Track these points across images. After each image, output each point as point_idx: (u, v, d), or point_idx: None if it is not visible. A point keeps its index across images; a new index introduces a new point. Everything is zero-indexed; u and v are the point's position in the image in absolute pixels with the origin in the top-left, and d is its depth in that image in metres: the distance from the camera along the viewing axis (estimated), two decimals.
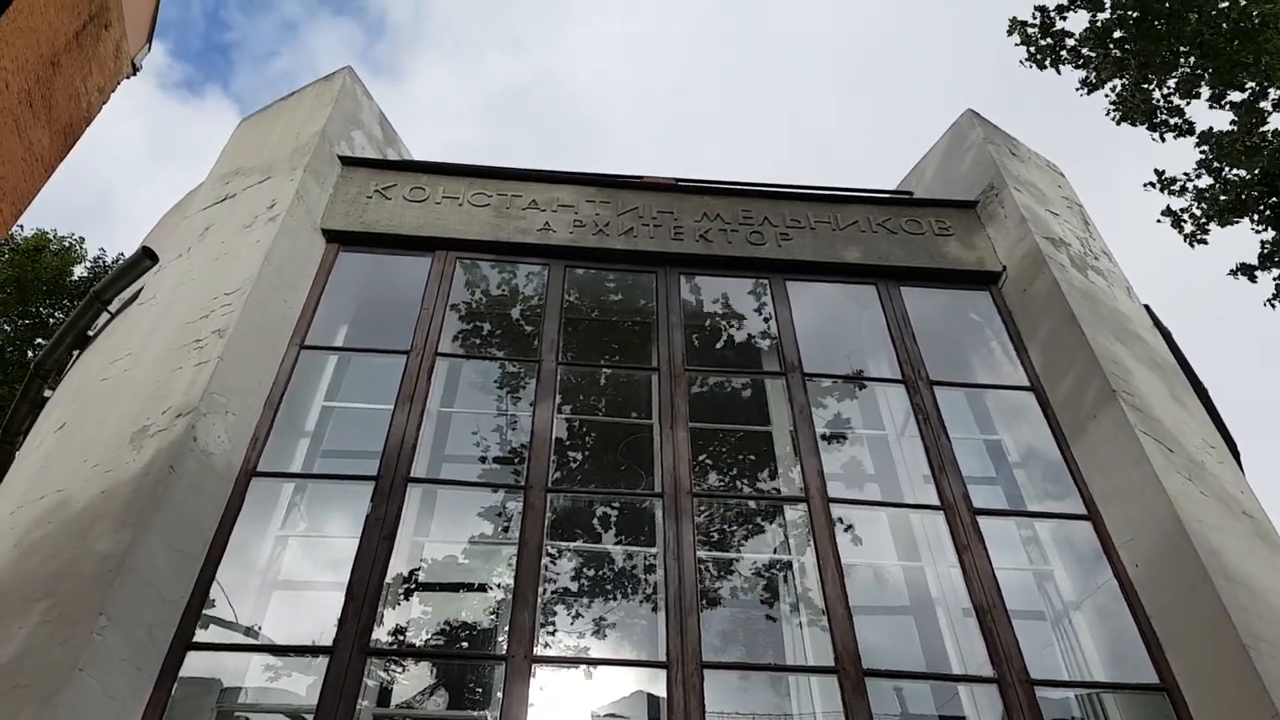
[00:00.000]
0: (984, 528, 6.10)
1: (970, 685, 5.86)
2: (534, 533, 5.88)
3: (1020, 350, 7.28)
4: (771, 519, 7.12)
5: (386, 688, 6.10)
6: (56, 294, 16.12)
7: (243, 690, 5.63)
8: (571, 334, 7.66)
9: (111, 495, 5.15)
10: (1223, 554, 5.35)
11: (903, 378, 7.12)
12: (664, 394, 6.88)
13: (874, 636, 5.71)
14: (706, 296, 8.20)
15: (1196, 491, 5.76)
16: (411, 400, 6.51)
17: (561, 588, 6.62)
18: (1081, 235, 8.14)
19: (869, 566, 6.75)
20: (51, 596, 4.68)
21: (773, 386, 7.66)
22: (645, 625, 6.36)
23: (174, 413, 5.55)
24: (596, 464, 7.49)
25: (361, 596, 5.39)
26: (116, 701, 4.50)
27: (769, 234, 8.08)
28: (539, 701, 5.28)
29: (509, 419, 7.46)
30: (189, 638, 5.03)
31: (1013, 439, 7.20)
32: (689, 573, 5.68)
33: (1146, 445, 5.89)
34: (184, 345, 6.08)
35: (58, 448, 5.97)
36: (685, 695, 5.11)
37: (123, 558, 4.75)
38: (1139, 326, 7.31)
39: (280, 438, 6.30)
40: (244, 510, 5.72)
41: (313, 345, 6.86)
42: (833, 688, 5.32)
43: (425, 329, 7.01)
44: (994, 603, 5.63)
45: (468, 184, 8.22)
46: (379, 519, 5.79)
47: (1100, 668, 5.93)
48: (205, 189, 7.94)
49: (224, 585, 5.44)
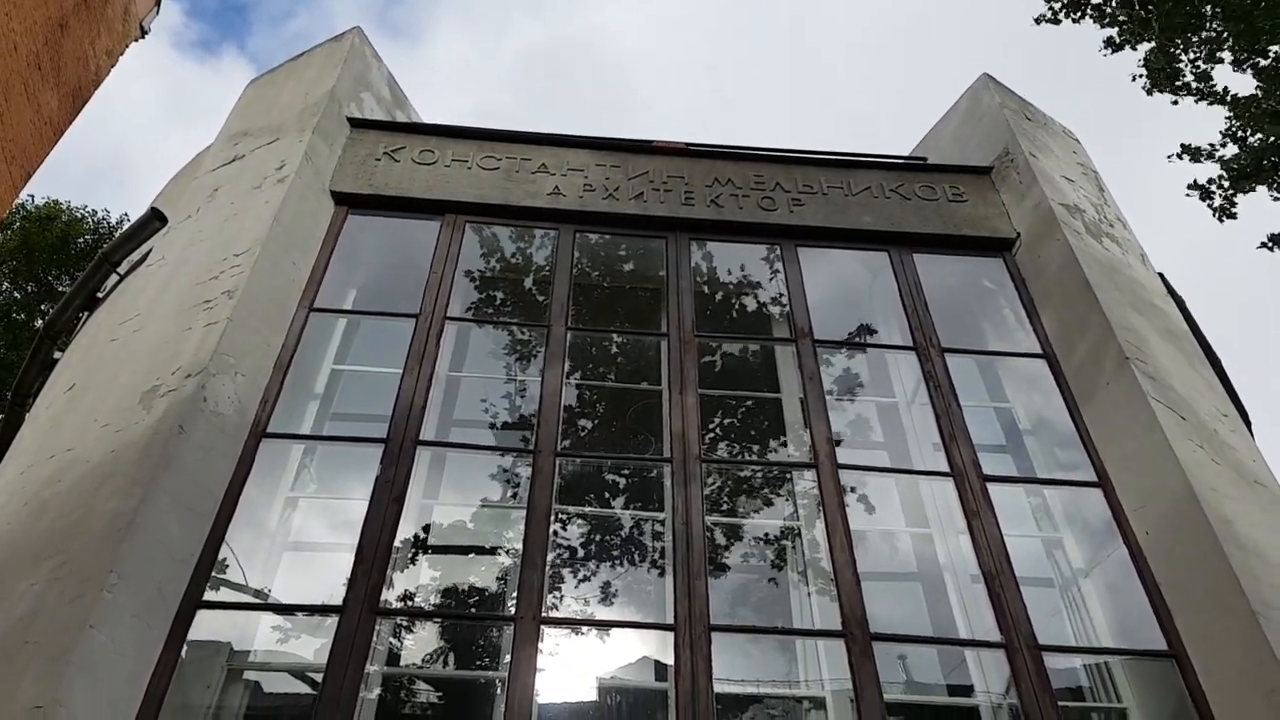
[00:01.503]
0: (994, 495, 6.08)
1: (977, 653, 5.86)
2: (542, 497, 5.88)
3: (1033, 317, 7.23)
4: (780, 486, 7.12)
5: (396, 650, 6.14)
6: (63, 261, 16.14)
7: (252, 653, 5.67)
8: (582, 300, 7.63)
9: (121, 455, 5.16)
10: (1234, 522, 5.32)
11: (914, 345, 7.08)
12: (673, 360, 6.85)
13: (882, 602, 5.72)
14: (717, 263, 8.15)
15: (1209, 460, 5.72)
16: (420, 364, 6.50)
17: (570, 553, 6.64)
18: (1096, 202, 8.06)
19: (877, 533, 6.75)
20: (62, 554, 4.70)
21: (783, 353, 7.63)
22: (653, 591, 6.38)
23: (183, 373, 5.54)
24: (606, 430, 7.50)
25: (371, 558, 5.40)
26: (127, 658, 4.53)
27: (781, 199, 8.02)
28: (547, 665, 5.30)
29: (518, 385, 7.45)
30: (199, 596, 5.05)
31: (1024, 407, 7.16)
32: (697, 537, 5.69)
33: (1159, 413, 5.85)
34: (193, 306, 6.07)
35: (67, 408, 5.97)
36: (692, 657, 5.13)
37: (132, 516, 4.76)
38: (1153, 294, 7.24)
39: (290, 400, 6.31)
40: (254, 471, 5.73)
41: (322, 308, 6.84)
42: (840, 653, 5.32)
43: (434, 293, 6.98)
44: (1002, 569, 5.62)
45: (477, 147, 8.16)
46: (388, 481, 5.79)
47: (1109, 635, 5.92)
48: (214, 150, 7.90)
49: (234, 547, 5.46)
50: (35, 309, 15.79)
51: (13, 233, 15.91)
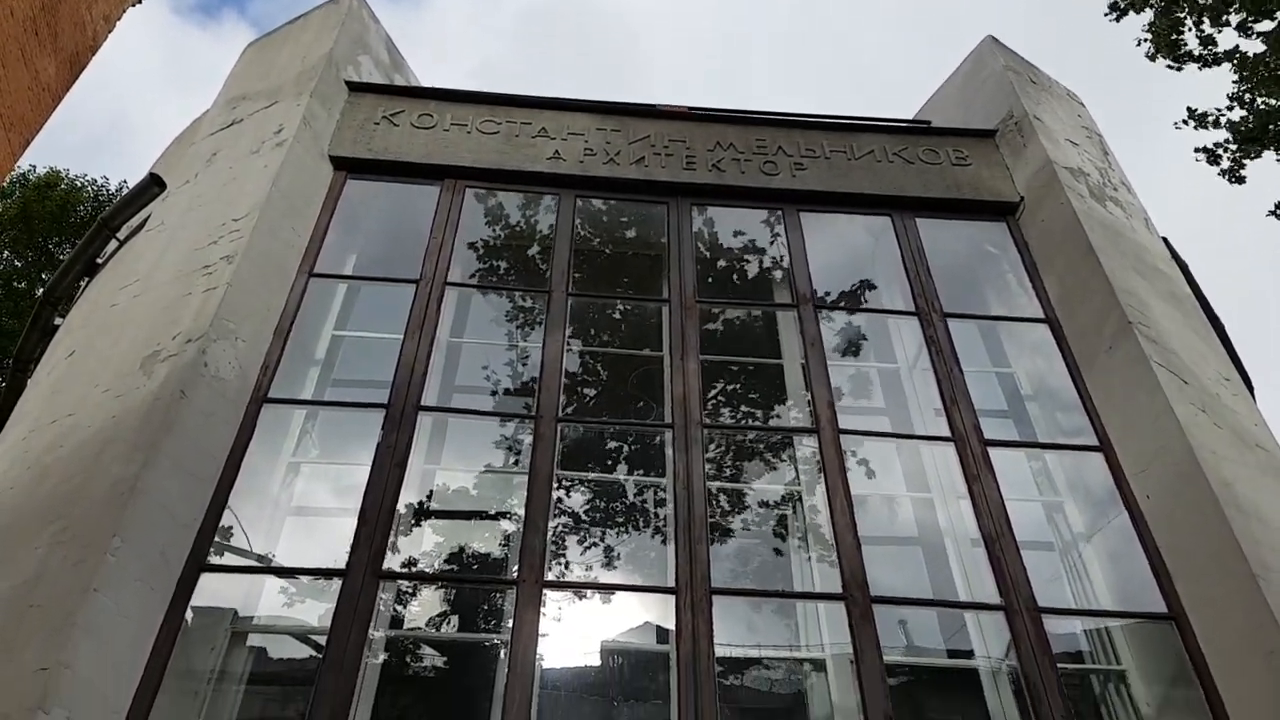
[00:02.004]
0: (995, 460, 6.09)
1: (977, 616, 5.88)
2: (544, 462, 5.89)
3: (1036, 282, 7.20)
4: (781, 451, 7.12)
5: (399, 614, 6.17)
6: (63, 229, 16.09)
7: (256, 618, 5.69)
8: (583, 267, 7.59)
9: (123, 420, 5.16)
10: (1235, 485, 5.32)
11: (916, 310, 7.06)
12: (675, 325, 6.83)
13: (882, 567, 5.75)
14: (719, 228, 8.11)
15: (1210, 423, 5.72)
16: (421, 330, 6.48)
17: (572, 518, 6.65)
18: (1101, 165, 8.00)
19: (878, 497, 6.76)
20: (64, 519, 4.72)
21: (784, 318, 7.60)
22: (655, 556, 6.39)
23: (184, 338, 5.53)
24: (608, 397, 7.49)
25: (374, 522, 5.42)
26: (131, 621, 4.56)
27: (783, 164, 7.96)
28: (550, 629, 5.33)
29: (519, 351, 7.44)
30: (202, 560, 5.08)
31: (1026, 372, 7.15)
32: (699, 501, 5.70)
33: (1161, 377, 5.84)
34: (193, 271, 6.05)
35: (69, 373, 5.97)
36: (694, 620, 5.15)
37: (134, 481, 4.77)
38: (1157, 259, 7.21)
39: (291, 365, 6.30)
40: (255, 436, 5.74)
41: (322, 273, 6.82)
42: (840, 616, 5.34)
43: (434, 258, 6.96)
44: (1002, 532, 5.64)
45: (476, 111, 8.10)
46: (390, 446, 5.80)
47: (1109, 599, 5.95)
48: (212, 114, 7.84)
49: (237, 512, 5.48)
50: (36, 277, 15.77)
51: (12, 201, 15.86)
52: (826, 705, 5.62)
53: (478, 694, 5.63)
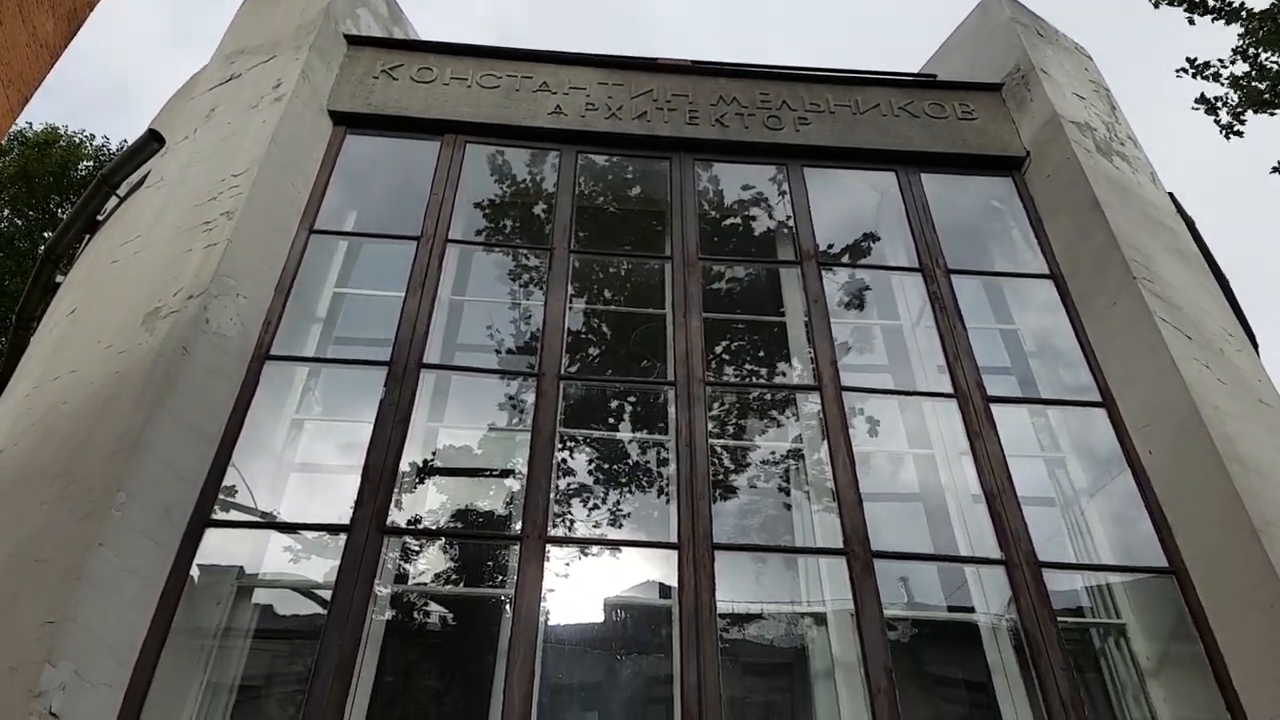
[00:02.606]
0: (997, 416, 6.09)
1: (978, 572, 5.91)
2: (547, 420, 5.89)
3: (1041, 237, 7.15)
4: (784, 408, 7.12)
5: (404, 570, 6.21)
6: (63, 187, 16.02)
7: (261, 575, 5.73)
8: (586, 225, 7.55)
9: (125, 376, 5.17)
10: (1238, 441, 5.32)
11: (920, 266, 7.02)
12: (677, 282, 6.80)
13: (884, 523, 5.76)
14: (723, 185, 8.05)
15: (1214, 379, 5.70)
16: (423, 287, 6.47)
17: (575, 477, 6.67)
18: (1108, 120, 7.91)
19: (880, 454, 6.77)
20: (70, 474, 4.74)
21: (787, 276, 7.56)
22: (658, 515, 6.42)
23: (185, 294, 5.52)
24: (610, 356, 7.47)
25: (377, 478, 5.44)
26: (138, 575, 4.59)
27: (787, 118, 7.88)
28: (554, 585, 5.37)
29: (522, 310, 7.42)
30: (207, 515, 5.11)
31: (1029, 328, 7.12)
32: (701, 458, 5.71)
33: (1165, 332, 5.81)
34: (193, 227, 6.02)
35: (71, 330, 5.97)
36: (696, 575, 5.19)
37: (138, 436, 4.78)
38: (1163, 214, 7.15)
39: (292, 322, 6.29)
40: (258, 393, 5.74)
41: (322, 230, 6.79)
42: (841, 572, 5.37)
43: (435, 215, 6.92)
44: (1004, 487, 5.65)
45: (476, 64, 8.01)
46: (393, 403, 5.81)
47: (1110, 555, 5.96)
48: (210, 69, 7.76)
49: (241, 469, 5.49)
50: (38, 236, 15.72)
51: (11, 159, 15.77)
52: (827, 658, 5.66)
53: (482, 648, 5.69)
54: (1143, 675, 5.45)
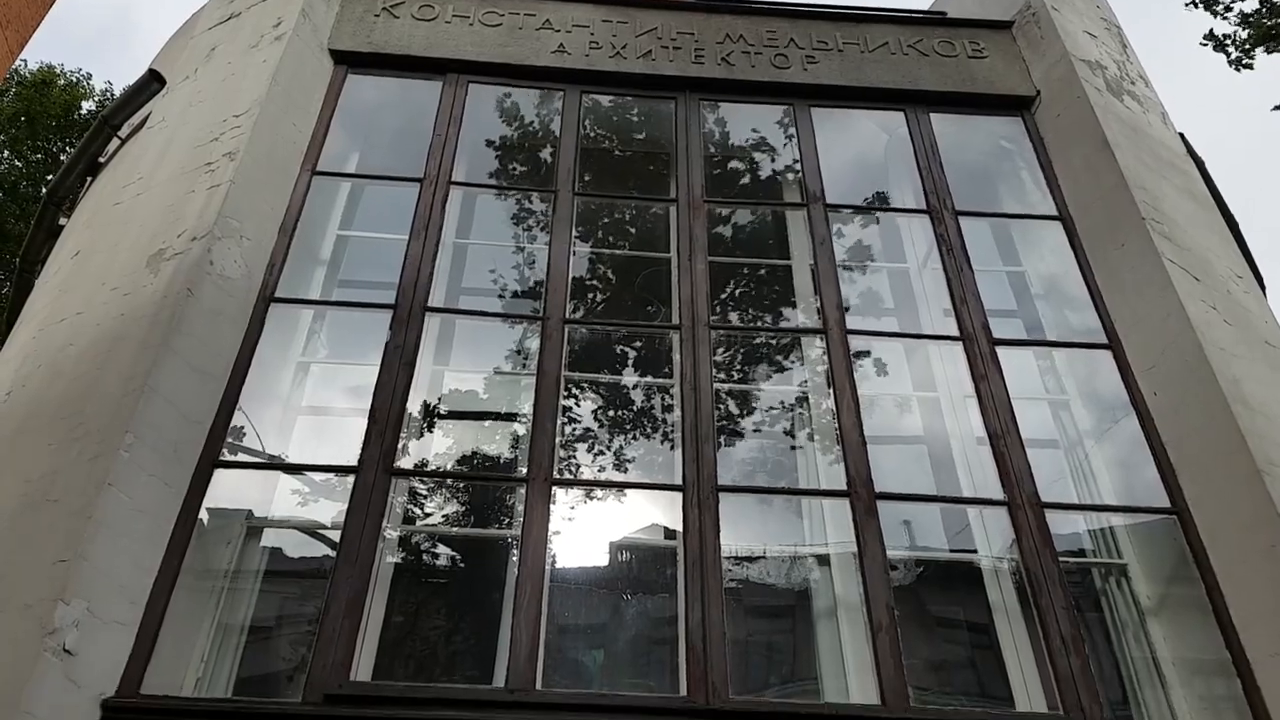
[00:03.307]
0: (1003, 359, 6.06)
1: (981, 516, 5.93)
2: (552, 364, 5.89)
3: (1050, 178, 7.07)
4: (789, 353, 7.10)
5: (411, 512, 6.26)
6: (66, 128, 15.91)
7: (270, 518, 5.78)
8: (590, 168, 7.47)
9: (131, 318, 5.18)
10: (1243, 382, 5.31)
11: (927, 208, 6.95)
12: (683, 225, 6.76)
13: (887, 466, 5.77)
14: (729, 127, 7.96)
15: (1221, 320, 5.68)
16: (426, 230, 6.43)
17: (580, 422, 6.69)
18: (1119, 59, 7.78)
19: (885, 398, 6.76)
20: (78, 415, 4.77)
21: (793, 219, 7.50)
22: (663, 461, 6.44)
23: (189, 236, 5.51)
24: (615, 301, 7.45)
25: (384, 420, 5.47)
26: (147, 515, 4.64)
27: (794, 57, 7.76)
28: (560, 527, 5.42)
29: (526, 255, 7.39)
30: (215, 456, 5.14)
31: (1036, 270, 7.08)
32: (705, 401, 5.72)
33: (1173, 273, 5.78)
34: (195, 168, 5.99)
35: (76, 272, 5.97)
36: (700, 516, 5.22)
37: (145, 378, 4.81)
38: (1173, 154, 7.07)
39: (296, 265, 6.28)
40: (264, 336, 5.75)
41: (324, 171, 6.74)
42: (845, 515, 5.39)
43: (438, 156, 6.86)
44: (1008, 429, 5.66)
45: (478, 2, 7.84)
46: (398, 346, 5.81)
47: (1113, 497, 5.98)
48: (210, 8, 7.66)
49: (248, 413, 5.52)
50: (41, 179, 15.65)
51: (10, 100, 15.63)
52: (830, 598, 5.72)
53: (490, 588, 5.74)
54: (1143, 614, 5.50)
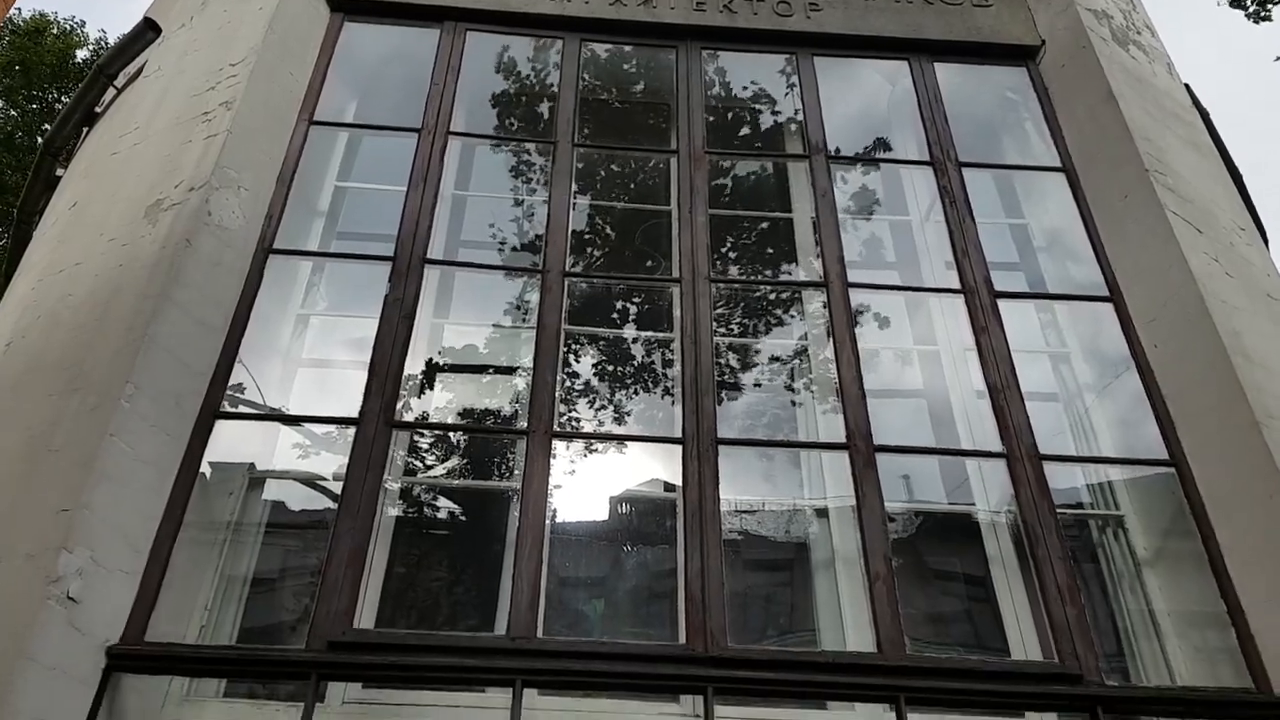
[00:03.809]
0: (1004, 312, 6.04)
1: (979, 466, 5.97)
2: (552, 317, 5.86)
3: (1054, 129, 7.00)
4: (790, 307, 7.09)
5: (412, 465, 6.30)
6: (61, 77, 15.74)
7: (272, 471, 5.80)
8: (590, 121, 7.39)
9: (130, 268, 5.16)
10: (1244, 335, 5.30)
11: (930, 159, 6.89)
12: (683, 177, 6.70)
13: (887, 419, 5.76)
14: (729, 76, 7.87)
15: (1222, 272, 5.66)
16: (425, 181, 6.38)
17: (581, 376, 6.70)
18: (1124, 8, 7.68)
19: (885, 351, 6.77)
20: (78, 365, 4.77)
21: (795, 173, 7.45)
22: (663, 417, 6.46)
23: (186, 186, 5.48)
24: (615, 256, 7.43)
25: (384, 373, 5.46)
26: (149, 465, 4.66)
27: (797, 4, 7.62)
28: (560, 481, 5.44)
29: (525, 208, 7.35)
30: (216, 407, 5.15)
31: (1039, 223, 7.04)
32: (705, 355, 5.70)
33: (1176, 225, 5.74)
34: (192, 118, 5.94)
35: (73, 223, 5.94)
36: (700, 469, 5.24)
37: (145, 328, 4.80)
38: (1178, 105, 7.00)
39: (294, 217, 6.24)
40: (263, 288, 5.72)
41: (321, 121, 6.67)
42: (844, 470, 5.40)
43: (436, 106, 6.78)
44: (1008, 382, 5.65)
45: None
46: (397, 299, 5.79)
47: (1112, 450, 6.00)
48: None
49: (248, 365, 5.52)
50: (37, 130, 15.52)
51: (4, 48, 15.44)
52: (828, 549, 5.77)
53: (491, 539, 5.79)
54: (1140, 566, 5.54)
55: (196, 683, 4.75)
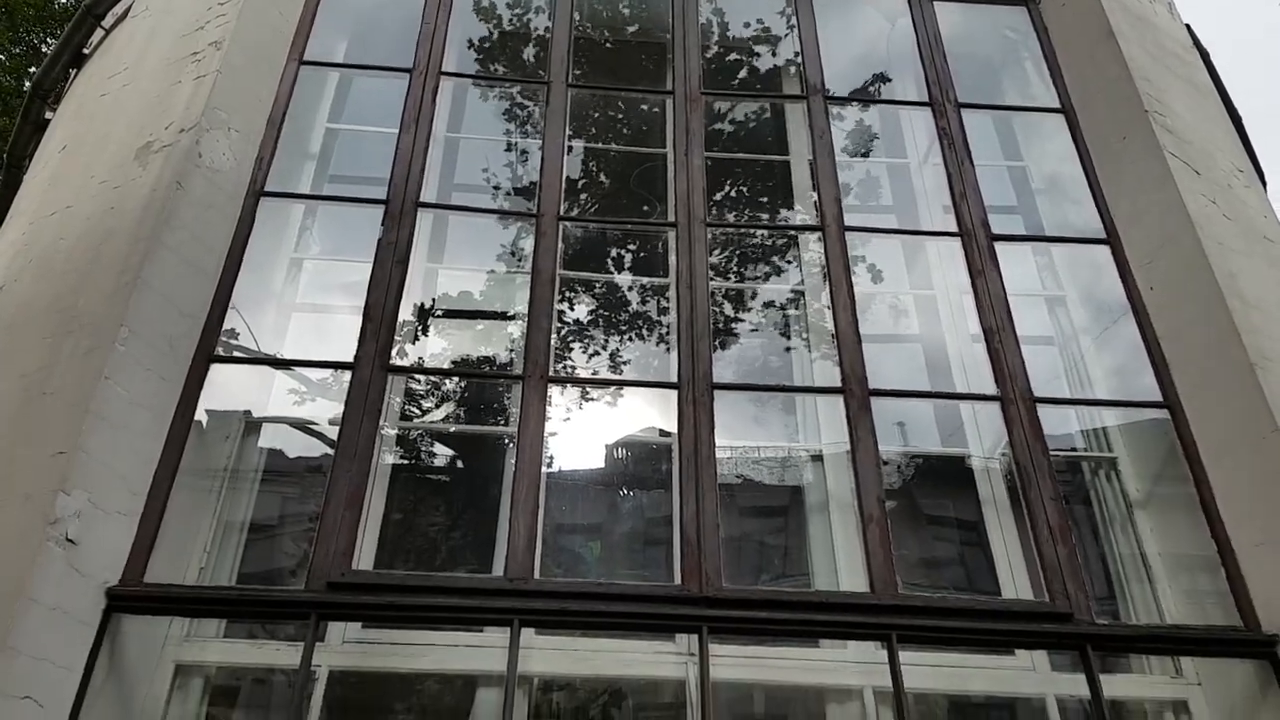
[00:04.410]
0: (1001, 255, 6.01)
1: (974, 409, 5.99)
2: (546, 262, 5.82)
3: (1054, 70, 6.92)
4: (786, 252, 7.06)
5: (408, 413, 6.30)
6: (45, 19, 15.45)
7: (266, 417, 5.80)
8: (583, 62, 7.29)
9: (121, 210, 5.12)
10: (1239, 277, 5.29)
11: (929, 100, 6.81)
12: (679, 119, 6.62)
13: (882, 364, 5.77)
14: (727, 16, 7.75)
15: (1220, 214, 5.62)
16: (417, 123, 6.29)
17: (576, 323, 6.69)
18: None
19: (881, 296, 6.75)
20: (72, 309, 4.75)
21: (793, 115, 7.37)
22: (658, 365, 6.46)
23: (176, 128, 5.41)
24: (611, 201, 7.37)
25: (379, 318, 5.43)
26: (144, 408, 4.65)
27: None
28: (558, 429, 5.45)
29: (519, 151, 7.27)
30: (210, 351, 5.13)
31: (1038, 165, 6.98)
32: (701, 299, 5.68)
33: (1174, 166, 5.69)
34: (181, 58, 5.85)
35: (64, 166, 5.88)
36: (695, 413, 5.24)
37: (138, 271, 4.77)
38: (1178, 45, 6.90)
39: (286, 159, 6.16)
40: (255, 231, 5.67)
41: (312, 61, 6.57)
42: (839, 416, 5.41)
43: (428, 46, 6.68)
44: (1003, 325, 5.64)
45: None
46: (391, 243, 5.74)
47: (1106, 394, 6.01)
48: None
49: (241, 311, 5.48)
50: (24, 72, 15.27)
51: None
52: (822, 494, 5.80)
53: (488, 484, 5.81)
54: (1131, 508, 5.57)
55: (197, 624, 4.80)
